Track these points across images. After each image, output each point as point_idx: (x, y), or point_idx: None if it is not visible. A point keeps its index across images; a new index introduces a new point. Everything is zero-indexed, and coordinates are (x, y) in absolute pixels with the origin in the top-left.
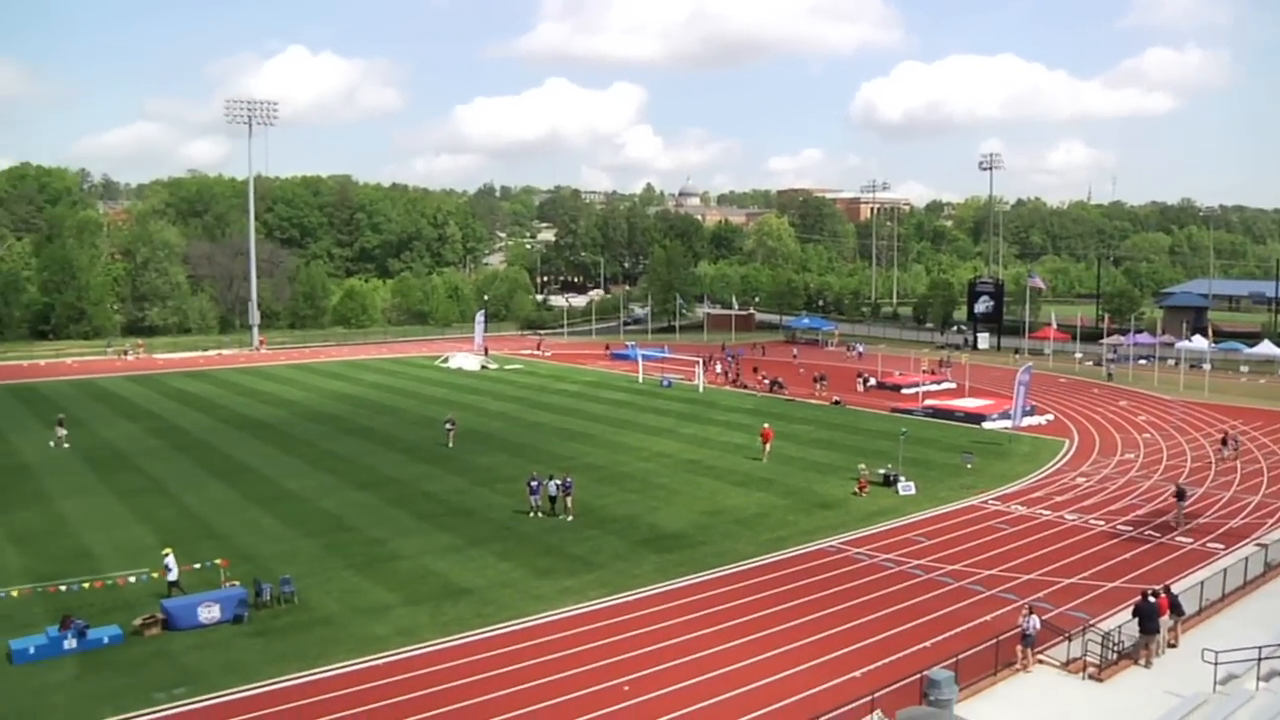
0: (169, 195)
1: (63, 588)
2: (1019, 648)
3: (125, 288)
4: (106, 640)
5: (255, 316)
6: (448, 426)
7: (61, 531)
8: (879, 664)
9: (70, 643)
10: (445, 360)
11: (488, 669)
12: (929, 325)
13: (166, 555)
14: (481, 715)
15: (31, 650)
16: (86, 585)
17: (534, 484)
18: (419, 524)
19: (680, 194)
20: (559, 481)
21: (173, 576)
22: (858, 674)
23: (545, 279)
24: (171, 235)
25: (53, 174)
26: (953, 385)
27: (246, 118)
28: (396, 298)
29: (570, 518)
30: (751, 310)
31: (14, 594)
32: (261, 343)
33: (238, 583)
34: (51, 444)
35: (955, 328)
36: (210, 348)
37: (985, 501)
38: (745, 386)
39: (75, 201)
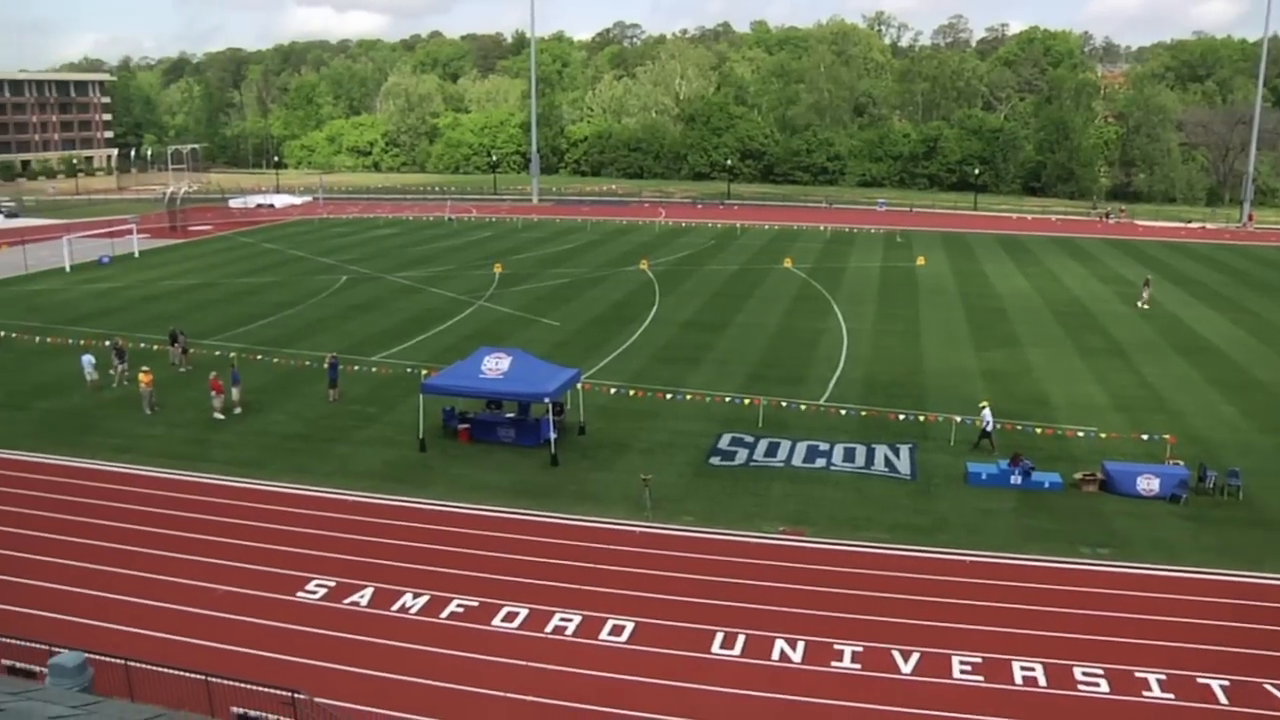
0: (1170, 58)
1: (1018, 427)
2: None
3: (1115, 151)
4: (1047, 485)
5: (1249, 191)
6: None
7: (1025, 376)
8: None
9: (1016, 479)
10: None
11: None
12: None
13: (984, 408)
14: None
15: (984, 476)
16: (1038, 431)
17: None
18: None
19: None
20: None
21: (988, 428)
22: None
23: None
24: (1168, 100)
25: (1057, 37)
26: None
27: None
28: None
29: None
30: None
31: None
32: (1250, 219)
33: (1182, 462)
34: (1140, 304)
35: None
36: (1194, 220)
37: None
38: None
39: (1075, 65)
